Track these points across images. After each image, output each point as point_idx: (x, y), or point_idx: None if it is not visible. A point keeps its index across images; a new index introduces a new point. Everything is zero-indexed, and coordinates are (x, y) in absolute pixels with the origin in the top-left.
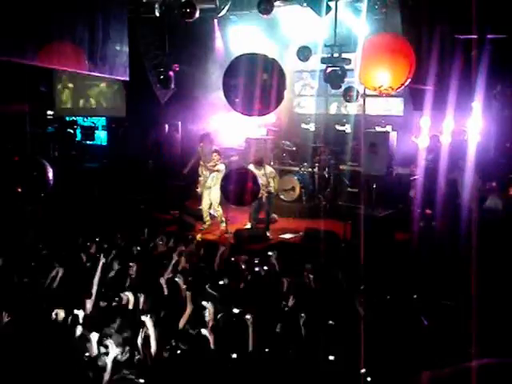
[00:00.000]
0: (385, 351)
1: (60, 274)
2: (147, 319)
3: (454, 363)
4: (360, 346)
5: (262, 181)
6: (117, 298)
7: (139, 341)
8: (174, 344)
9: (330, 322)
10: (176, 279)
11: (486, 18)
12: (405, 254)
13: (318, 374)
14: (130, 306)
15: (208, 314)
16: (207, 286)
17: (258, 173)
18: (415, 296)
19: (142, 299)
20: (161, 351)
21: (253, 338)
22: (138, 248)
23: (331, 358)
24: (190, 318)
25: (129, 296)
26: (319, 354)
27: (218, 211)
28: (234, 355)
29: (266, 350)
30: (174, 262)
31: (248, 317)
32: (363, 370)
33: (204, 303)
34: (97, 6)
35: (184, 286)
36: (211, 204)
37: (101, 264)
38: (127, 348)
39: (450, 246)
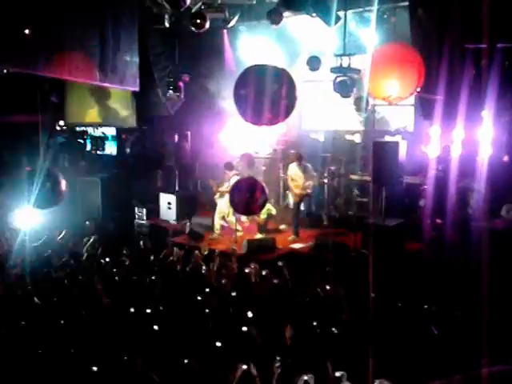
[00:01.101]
0: (395, 360)
1: None
2: None
3: (464, 372)
4: (370, 355)
5: (301, 180)
6: None
7: None
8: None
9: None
10: None
11: (496, 26)
12: (415, 263)
13: None
14: None
15: None
16: None
17: (299, 170)
18: (426, 306)
19: None
20: None
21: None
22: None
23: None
24: None
25: None
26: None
27: (230, 220)
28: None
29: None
30: None
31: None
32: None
33: None
34: (107, 18)
35: None
36: (226, 213)
37: None
38: None
39: (460, 256)
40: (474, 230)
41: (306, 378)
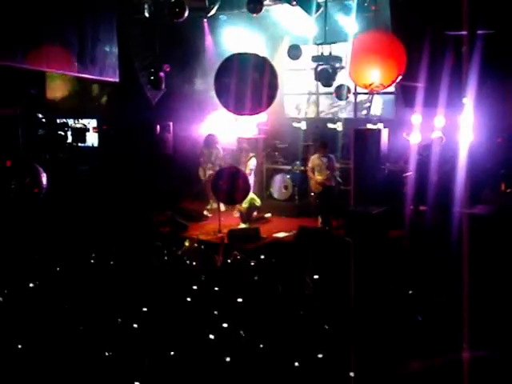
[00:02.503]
0: (379, 346)
1: None
2: None
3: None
4: (353, 343)
5: (324, 172)
6: None
7: None
8: None
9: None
10: None
11: (476, 13)
12: (398, 250)
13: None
14: None
15: None
16: None
17: (322, 161)
18: (410, 292)
19: None
20: None
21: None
22: None
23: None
24: None
25: None
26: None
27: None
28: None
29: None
30: None
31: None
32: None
33: None
34: (86, 8)
35: None
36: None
37: None
38: None
39: (442, 242)
40: (455, 216)
41: None
